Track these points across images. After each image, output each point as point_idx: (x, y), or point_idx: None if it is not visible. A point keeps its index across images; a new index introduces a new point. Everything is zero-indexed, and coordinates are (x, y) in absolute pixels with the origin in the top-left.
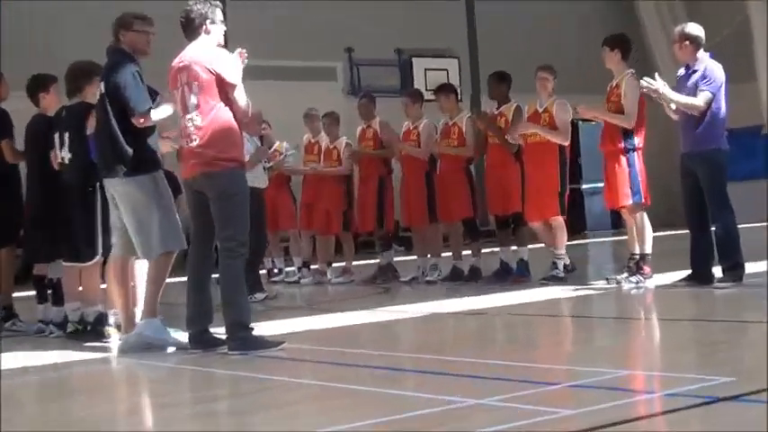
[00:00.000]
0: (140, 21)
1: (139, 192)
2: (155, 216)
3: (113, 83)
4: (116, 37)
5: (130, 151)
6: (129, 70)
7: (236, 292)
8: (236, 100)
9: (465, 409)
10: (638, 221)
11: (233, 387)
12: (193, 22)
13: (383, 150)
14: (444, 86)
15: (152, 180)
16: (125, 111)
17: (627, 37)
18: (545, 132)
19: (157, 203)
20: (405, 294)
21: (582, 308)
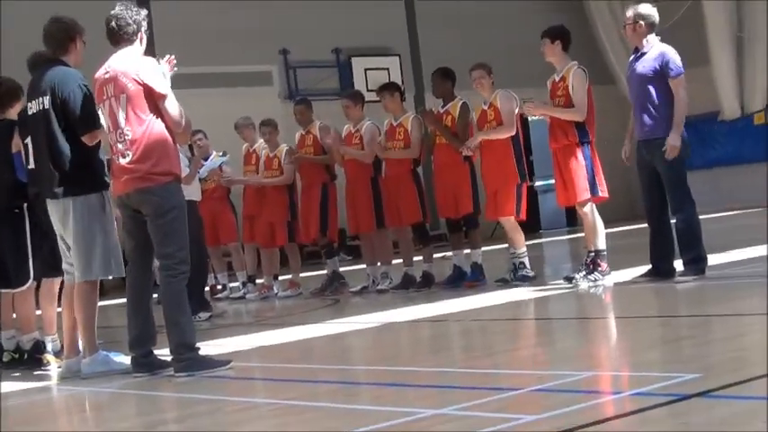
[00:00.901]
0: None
1: (85, 212)
2: (98, 238)
3: (63, 98)
4: (64, 47)
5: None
6: (78, 84)
7: (178, 311)
8: (167, 110)
9: (426, 420)
10: (589, 216)
11: (182, 410)
12: (126, 30)
13: (324, 156)
14: (388, 85)
15: (99, 200)
16: (72, 127)
17: (566, 28)
18: (490, 134)
19: (102, 226)
20: (356, 305)
21: (541, 309)
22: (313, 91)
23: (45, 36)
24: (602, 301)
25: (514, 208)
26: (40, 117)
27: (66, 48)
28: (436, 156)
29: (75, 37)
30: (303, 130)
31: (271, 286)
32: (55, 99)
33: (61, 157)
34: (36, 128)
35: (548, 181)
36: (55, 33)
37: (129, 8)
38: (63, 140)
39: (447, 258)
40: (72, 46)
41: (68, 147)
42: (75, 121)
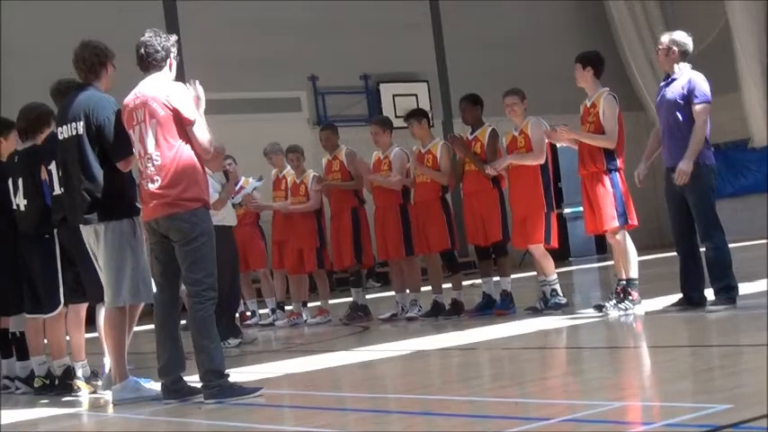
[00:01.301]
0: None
1: (116, 238)
2: (128, 264)
3: (99, 123)
4: (95, 72)
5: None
6: (113, 110)
7: (207, 338)
8: (195, 136)
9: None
10: (622, 244)
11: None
12: (155, 56)
13: (352, 182)
14: (415, 112)
15: (130, 225)
16: (105, 152)
17: (599, 54)
18: (519, 159)
19: (132, 251)
20: (385, 332)
21: (571, 338)
22: (341, 117)
23: (76, 60)
24: (633, 330)
25: (543, 235)
26: (72, 142)
27: (97, 73)
28: (465, 182)
29: (106, 62)
30: (329, 155)
31: (300, 313)
32: (90, 124)
33: (95, 182)
34: (67, 153)
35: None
36: (87, 58)
37: (158, 35)
38: (98, 166)
39: (476, 286)
40: (103, 71)
41: (102, 172)
42: (110, 147)
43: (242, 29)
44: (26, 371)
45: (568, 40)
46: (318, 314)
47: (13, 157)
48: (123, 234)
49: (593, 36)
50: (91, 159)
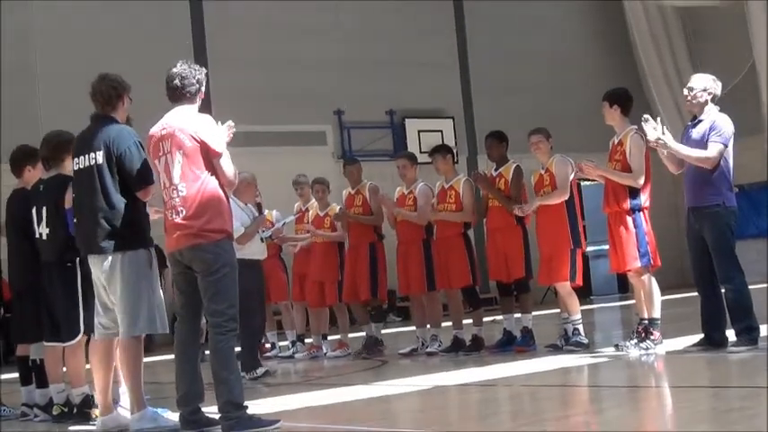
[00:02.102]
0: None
1: (133, 268)
2: (145, 294)
3: (119, 153)
4: (112, 104)
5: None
6: (133, 140)
7: (227, 369)
8: (221, 169)
9: None
10: (646, 285)
11: None
12: (191, 88)
13: (372, 217)
14: (440, 148)
15: (146, 256)
16: (125, 182)
17: (627, 92)
18: (545, 200)
19: (148, 281)
20: (404, 367)
21: (591, 377)
22: (366, 151)
23: (93, 93)
24: (654, 370)
25: (569, 273)
26: (89, 172)
27: (114, 105)
28: (489, 219)
29: (122, 95)
30: (352, 189)
31: (320, 346)
32: (110, 154)
33: (115, 211)
34: (82, 183)
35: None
36: (104, 91)
37: (192, 67)
38: (118, 196)
39: (497, 322)
40: (120, 103)
41: (122, 202)
42: (130, 177)
43: (269, 62)
44: (45, 398)
45: (595, 78)
46: (338, 347)
47: (38, 186)
48: (140, 264)
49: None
50: (111, 188)
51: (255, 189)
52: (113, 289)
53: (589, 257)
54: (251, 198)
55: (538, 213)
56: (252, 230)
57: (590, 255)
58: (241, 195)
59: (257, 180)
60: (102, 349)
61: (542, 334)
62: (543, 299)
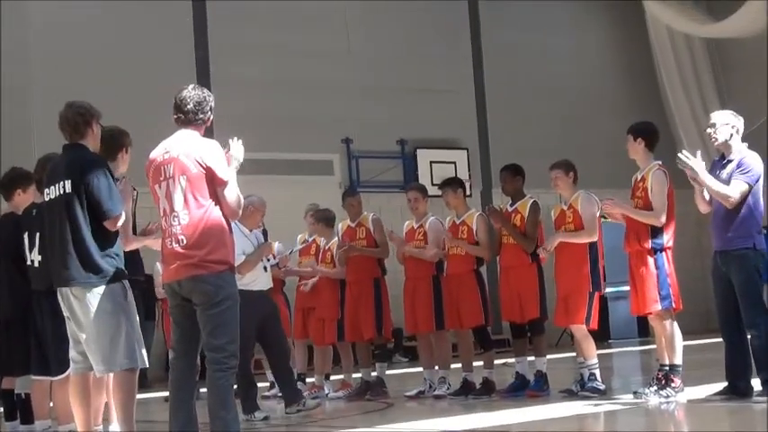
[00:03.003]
0: None
1: (110, 302)
2: (123, 328)
3: (86, 181)
4: (79, 132)
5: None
6: (102, 168)
7: (224, 408)
8: (225, 198)
9: None
10: (668, 329)
11: None
12: (202, 115)
13: (378, 249)
14: (450, 181)
15: (122, 289)
16: (93, 212)
17: (652, 126)
18: (570, 237)
19: (126, 315)
20: (410, 410)
21: (608, 425)
22: (375, 182)
23: (61, 122)
24: (674, 419)
25: (585, 316)
26: (59, 202)
27: (82, 133)
28: (503, 256)
29: (90, 121)
30: (352, 221)
31: (321, 386)
32: (77, 183)
33: (84, 243)
34: (54, 213)
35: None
36: (71, 118)
37: (204, 92)
38: (86, 226)
39: (509, 365)
40: (89, 131)
41: (91, 232)
42: (98, 207)
43: (274, 86)
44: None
45: (618, 111)
46: (341, 388)
47: (30, 211)
48: (116, 297)
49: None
50: (80, 219)
51: (263, 215)
52: (86, 324)
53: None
54: (256, 224)
55: (558, 252)
56: (254, 258)
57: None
58: (246, 221)
59: None
60: (77, 384)
61: (557, 378)
62: (558, 341)
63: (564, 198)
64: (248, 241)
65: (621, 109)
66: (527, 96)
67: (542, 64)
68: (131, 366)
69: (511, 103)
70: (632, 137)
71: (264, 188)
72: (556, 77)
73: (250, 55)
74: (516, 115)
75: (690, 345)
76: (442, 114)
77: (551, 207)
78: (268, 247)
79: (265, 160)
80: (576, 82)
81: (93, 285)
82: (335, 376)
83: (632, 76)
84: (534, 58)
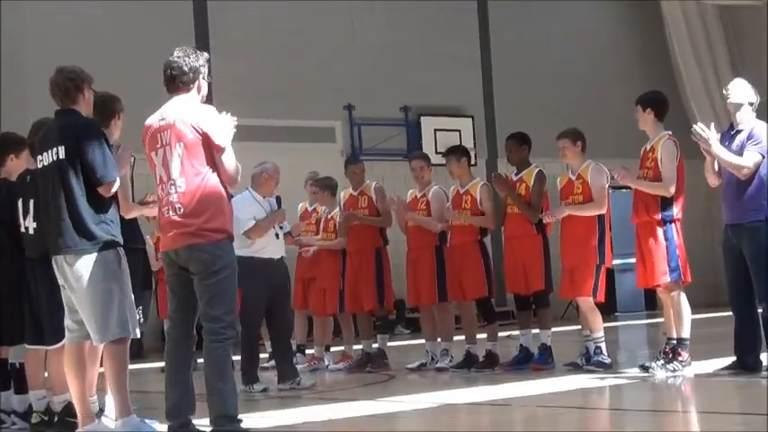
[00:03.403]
0: None
1: (102, 269)
2: (116, 296)
3: (80, 146)
4: (71, 97)
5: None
6: (96, 133)
7: (222, 379)
8: (223, 164)
9: None
10: (676, 301)
11: None
12: (183, 78)
13: (382, 219)
14: (455, 149)
15: (116, 256)
16: (88, 177)
17: (662, 96)
18: (579, 210)
19: (119, 283)
20: (412, 383)
21: (613, 399)
22: (378, 150)
23: (51, 88)
24: (681, 394)
25: (592, 288)
26: (52, 169)
27: (73, 98)
28: (507, 226)
29: (82, 86)
30: (354, 190)
31: (322, 357)
32: (71, 148)
33: (78, 210)
34: (48, 180)
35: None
36: (61, 84)
37: (187, 54)
38: (81, 193)
39: (513, 338)
40: (80, 96)
41: (85, 199)
42: (91, 172)
43: (275, 51)
44: (24, 405)
45: (628, 80)
46: (342, 360)
47: (24, 177)
48: (109, 265)
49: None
50: (74, 186)
51: (277, 182)
52: (79, 292)
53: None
54: (270, 191)
55: (564, 222)
56: (265, 224)
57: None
58: (260, 187)
59: None
60: (71, 353)
61: (562, 352)
62: (564, 314)
63: (572, 168)
64: (261, 208)
65: (632, 78)
66: (535, 64)
67: (552, 31)
68: (123, 336)
69: (518, 70)
70: (641, 107)
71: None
72: (566, 45)
73: (250, 18)
74: (523, 83)
75: (698, 318)
76: (447, 81)
77: (558, 176)
78: (281, 214)
79: (265, 127)
80: (587, 50)
81: (85, 252)
82: (336, 348)
83: (644, 45)
84: (544, 26)
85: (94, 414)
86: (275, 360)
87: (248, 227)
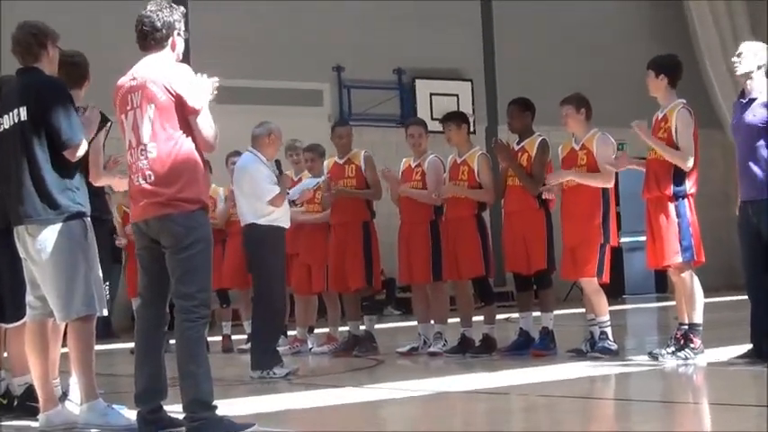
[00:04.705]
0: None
1: (67, 240)
2: (81, 270)
3: (43, 107)
4: (33, 53)
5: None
6: (61, 93)
7: (195, 362)
8: (198, 128)
9: None
10: (687, 283)
11: None
12: (156, 34)
13: (370, 191)
14: (453, 115)
15: (82, 227)
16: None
17: (676, 59)
18: (583, 178)
19: (84, 256)
20: (403, 368)
21: (619, 389)
22: (368, 115)
23: (13, 45)
24: (692, 384)
25: (596, 268)
26: (14, 132)
27: (36, 55)
28: (507, 199)
29: (45, 43)
30: (340, 157)
31: (304, 340)
32: (33, 110)
33: (42, 176)
34: (9, 144)
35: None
36: (22, 39)
37: (161, 8)
38: (45, 158)
39: (512, 320)
40: (43, 52)
41: (50, 164)
42: (56, 135)
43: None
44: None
45: (639, 42)
46: (326, 342)
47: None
48: (73, 236)
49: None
50: (37, 150)
51: (280, 145)
52: (42, 265)
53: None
54: (274, 153)
55: (566, 195)
56: (284, 190)
57: (625, 247)
58: (266, 149)
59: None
60: (33, 332)
61: (564, 337)
62: (567, 296)
63: (576, 137)
64: (271, 172)
65: (643, 40)
66: (539, 24)
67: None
68: (89, 313)
69: (521, 30)
70: (653, 72)
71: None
72: (573, 3)
73: None
74: (527, 44)
75: (711, 302)
76: (445, 42)
77: (563, 144)
78: (289, 178)
79: (246, 89)
80: (594, 9)
81: (49, 222)
82: (320, 329)
83: (657, 5)
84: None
85: (57, 398)
86: (252, 343)
87: (274, 193)
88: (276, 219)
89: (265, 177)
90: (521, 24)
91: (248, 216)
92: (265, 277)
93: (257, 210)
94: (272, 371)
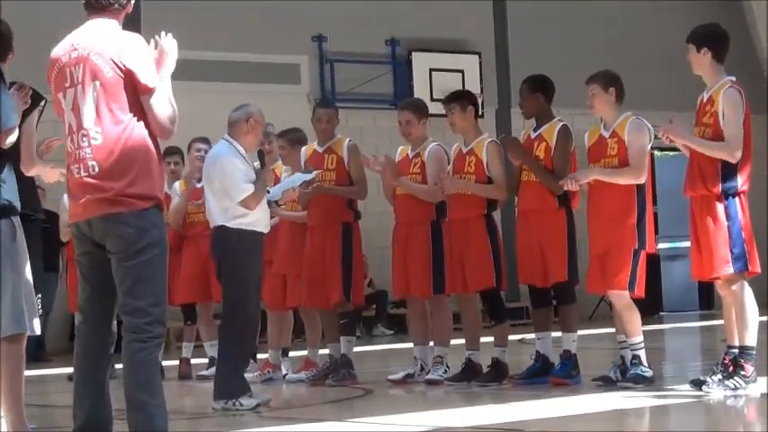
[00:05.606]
0: None
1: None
2: (8, 280)
3: None
4: None
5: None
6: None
7: (147, 392)
8: (153, 110)
9: None
10: (739, 299)
11: None
12: None
13: (354, 188)
14: (458, 95)
15: (9, 228)
16: None
17: (720, 30)
18: (610, 176)
19: (12, 263)
20: (395, 400)
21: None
22: (356, 95)
23: None
24: (743, 418)
25: (628, 279)
26: None
27: None
28: (522, 198)
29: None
30: (320, 146)
31: (278, 364)
32: None
33: None
34: None
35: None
36: None
37: None
38: None
39: (527, 342)
40: None
41: None
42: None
43: None
44: None
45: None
46: (304, 368)
47: None
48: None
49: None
50: None
51: (264, 129)
52: None
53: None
54: (255, 144)
55: (592, 193)
56: (261, 188)
57: (662, 254)
58: (245, 137)
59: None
60: None
61: (590, 362)
62: (593, 313)
63: (605, 122)
64: (249, 167)
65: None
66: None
67: None
68: (18, 332)
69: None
70: (695, 46)
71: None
72: None
73: None
74: (544, 11)
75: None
76: (447, 7)
77: (586, 133)
78: (271, 173)
79: (209, 62)
80: None
81: None
82: (296, 352)
83: None
84: None
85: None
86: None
87: (248, 193)
88: (251, 222)
89: (239, 173)
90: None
91: (217, 217)
92: (237, 288)
93: (228, 210)
94: (238, 401)
